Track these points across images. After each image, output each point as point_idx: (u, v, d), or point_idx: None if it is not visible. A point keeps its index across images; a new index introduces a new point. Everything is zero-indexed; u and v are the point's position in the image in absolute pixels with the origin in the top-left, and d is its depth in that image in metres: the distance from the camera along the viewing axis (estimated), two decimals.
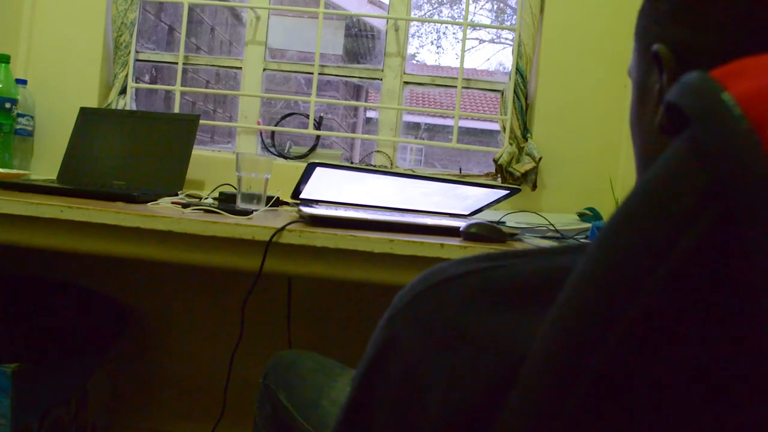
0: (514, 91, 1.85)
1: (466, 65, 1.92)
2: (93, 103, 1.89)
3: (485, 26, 3.27)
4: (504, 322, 0.41)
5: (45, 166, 1.85)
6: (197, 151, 1.86)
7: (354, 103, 4.98)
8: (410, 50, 1.98)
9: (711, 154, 0.29)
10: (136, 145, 1.67)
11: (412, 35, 2.68)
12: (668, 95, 0.33)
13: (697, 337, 0.31)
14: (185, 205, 1.28)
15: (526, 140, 1.83)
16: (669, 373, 0.32)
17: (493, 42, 3.27)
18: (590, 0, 1.85)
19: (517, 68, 1.85)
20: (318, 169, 1.26)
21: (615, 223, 0.34)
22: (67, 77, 1.90)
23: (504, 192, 1.43)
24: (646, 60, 0.51)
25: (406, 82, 2.02)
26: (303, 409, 0.96)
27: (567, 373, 0.33)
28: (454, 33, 2.00)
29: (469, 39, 1.92)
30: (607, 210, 1.68)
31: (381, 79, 2.01)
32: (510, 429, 0.36)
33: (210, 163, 1.88)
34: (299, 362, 1.08)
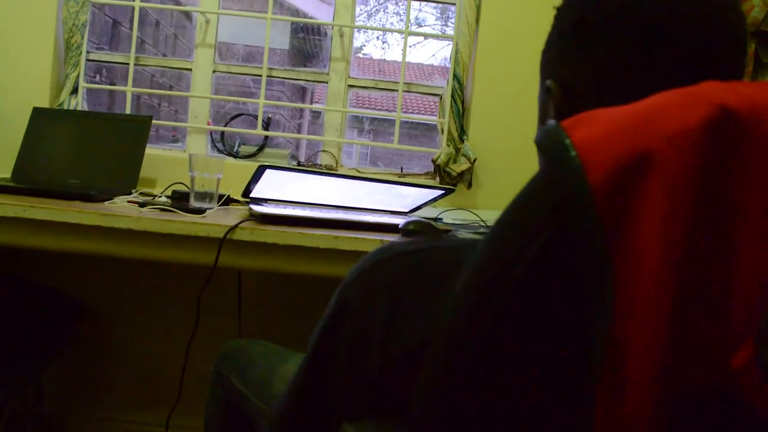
0: (452, 96, 1.98)
1: (412, 60, 2.05)
2: (45, 102, 1.93)
3: (425, 34, 3.44)
4: (431, 292, 0.54)
5: None
6: (148, 150, 1.93)
7: (301, 105, 5.07)
8: (357, 44, 2.09)
9: (555, 183, 0.42)
10: (89, 144, 1.73)
11: (359, 30, 2.79)
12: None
13: (543, 320, 0.44)
14: (142, 204, 1.36)
15: (463, 142, 1.97)
16: (520, 350, 0.45)
17: (438, 39, 3.38)
18: (523, 11, 1.99)
19: (454, 74, 1.98)
20: (268, 171, 1.36)
21: (493, 229, 0.47)
22: (18, 77, 1.94)
23: (440, 192, 1.55)
24: (544, 90, 0.65)
25: (351, 86, 2.13)
26: (256, 388, 1.06)
27: (459, 338, 0.46)
28: (400, 29, 2.12)
29: (420, 34, 2.05)
30: None
31: (327, 82, 2.11)
32: (426, 378, 0.49)
33: (161, 162, 1.95)
34: (249, 348, 1.18)
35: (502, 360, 0.45)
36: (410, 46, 2.03)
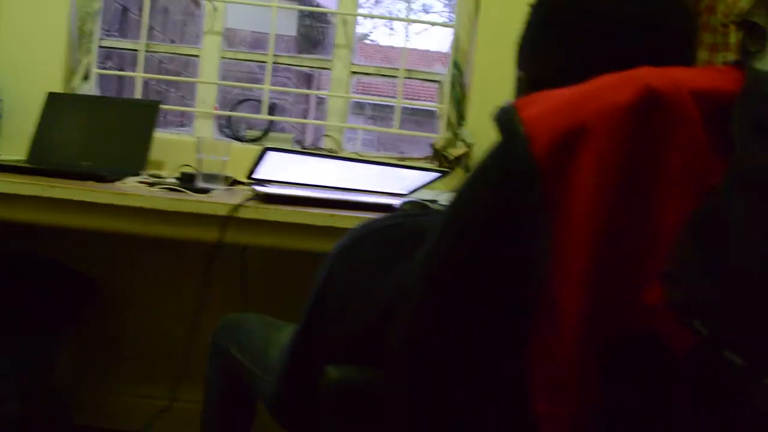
0: (451, 83, 2.04)
1: (421, 46, 2.12)
2: (58, 87, 2.00)
3: (425, 22, 3.54)
4: (401, 257, 0.62)
5: (12, 147, 1.95)
6: (157, 134, 2.00)
7: (304, 91, 5.14)
8: (365, 30, 2.16)
9: (506, 152, 0.50)
10: (101, 128, 1.80)
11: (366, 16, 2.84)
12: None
13: (500, 268, 0.51)
14: (151, 184, 1.44)
15: (461, 127, 2.03)
16: (481, 292, 0.52)
17: (446, 25, 3.49)
18: (521, 1, 2.05)
19: (454, 62, 2.04)
20: (271, 153, 1.43)
21: (457, 192, 0.54)
22: (33, 63, 2.01)
23: (435, 174, 1.62)
24: (516, 80, 0.73)
25: (354, 72, 2.19)
26: (253, 356, 1.13)
27: (429, 289, 0.53)
28: (406, 15, 2.18)
29: (421, 22, 2.12)
30: None
31: (330, 69, 2.18)
32: (400, 325, 0.57)
33: (169, 145, 2.02)
34: (245, 320, 1.26)
35: (467, 300, 0.52)
36: (417, 33, 2.10)
